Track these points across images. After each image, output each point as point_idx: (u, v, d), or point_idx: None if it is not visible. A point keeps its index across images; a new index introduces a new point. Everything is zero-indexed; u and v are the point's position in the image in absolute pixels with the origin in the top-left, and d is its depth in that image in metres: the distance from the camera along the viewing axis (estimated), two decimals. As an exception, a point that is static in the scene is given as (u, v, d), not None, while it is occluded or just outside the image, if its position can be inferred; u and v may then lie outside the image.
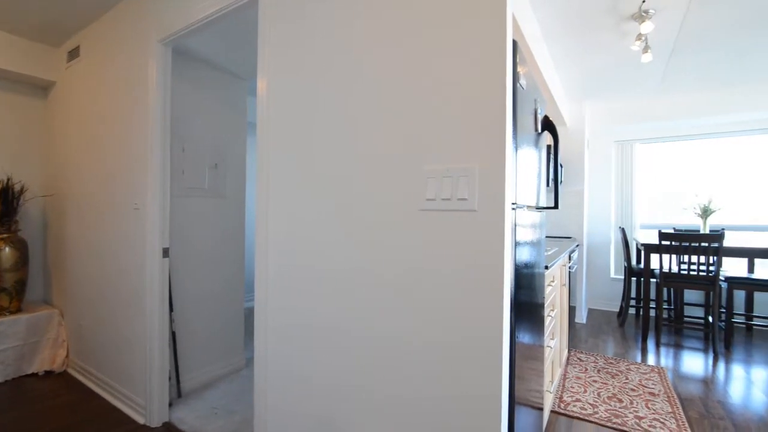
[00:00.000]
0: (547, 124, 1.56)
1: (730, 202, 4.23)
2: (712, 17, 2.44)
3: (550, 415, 2.20)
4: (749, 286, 3.36)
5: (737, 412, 2.26)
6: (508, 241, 0.97)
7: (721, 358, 3.16)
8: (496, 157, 0.94)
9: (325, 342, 1.27)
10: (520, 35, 2.14)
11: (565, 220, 4.31)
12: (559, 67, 3.34)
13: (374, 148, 1.16)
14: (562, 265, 2.55)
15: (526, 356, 1.42)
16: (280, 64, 1.42)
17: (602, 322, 4.15)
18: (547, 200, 3.98)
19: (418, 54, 1.08)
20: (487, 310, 0.96)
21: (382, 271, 1.14)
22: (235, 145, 2.77)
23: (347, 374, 1.22)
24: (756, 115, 3.82)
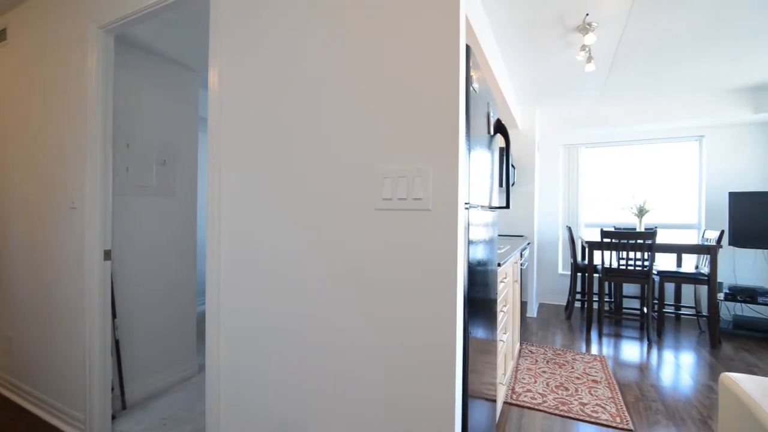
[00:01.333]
0: (499, 127, 1.62)
1: (662, 202, 4.63)
2: (647, 32, 2.66)
3: (503, 406, 2.29)
4: (678, 279, 3.70)
5: (667, 394, 2.48)
6: (461, 239, 1.00)
7: (654, 345, 3.44)
8: (450, 158, 0.97)
9: (280, 344, 1.25)
10: (475, 40, 2.22)
11: (518, 219, 4.51)
12: (512, 73, 3.49)
13: (332, 148, 1.15)
14: (514, 262, 2.67)
15: (480, 350, 1.47)
16: (233, 55, 1.37)
17: (551, 316, 4.39)
18: (500, 200, 4.15)
19: (374, 56, 1.09)
20: (441, 307, 0.98)
21: (338, 271, 1.13)
22: (186, 140, 2.64)
23: (304, 375, 1.20)
24: (685, 124, 4.21)
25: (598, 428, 2.06)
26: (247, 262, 1.32)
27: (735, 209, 3.82)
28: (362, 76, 1.10)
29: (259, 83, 1.30)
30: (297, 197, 1.21)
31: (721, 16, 2.41)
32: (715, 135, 4.32)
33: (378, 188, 1.06)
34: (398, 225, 1.04)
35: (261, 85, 1.30)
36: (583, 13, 2.42)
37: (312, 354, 1.18)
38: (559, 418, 2.17)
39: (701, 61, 3.16)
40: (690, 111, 4.04)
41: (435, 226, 0.98)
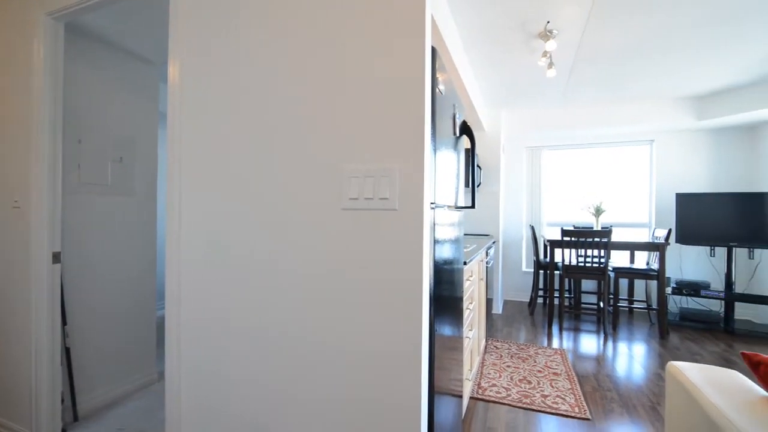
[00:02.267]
0: (465, 129, 1.66)
1: (617, 202, 4.89)
2: (602, 42, 2.81)
3: (469, 401, 2.35)
4: (631, 274, 3.93)
5: (621, 384, 2.63)
6: (427, 238, 1.02)
7: (609, 338, 3.64)
8: (416, 158, 0.98)
9: (244, 346, 1.22)
10: (442, 43, 2.26)
11: (484, 218, 4.63)
12: (479, 76, 3.57)
13: (298, 147, 1.14)
14: (480, 260, 2.74)
15: (447, 347, 1.50)
16: (195, 47, 1.32)
17: (515, 312, 4.54)
18: (466, 200, 4.24)
19: (341, 55, 1.08)
20: (407, 306, 0.99)
21: (304, 271, 1.12)
22: (144, 136, 2.52)
23: (269, 376, 1.18)
24: (638, 128, 4.47)
25: (559, 419, 2.16)
26: (209, 263, 1.28)
27: (681, 209, 4.11)
28: (329, 75, 1.10)
29: (222, 78, 1.27)
30: (261, 196, 1.19)
31: (668, 31, 2.58)
32: (664, 139, 4.63)
33: (345, 188, 1.06)
34: (365, 224, 1.04)
35: (225, 79, 1.26)
36: (545, 21, 2.52)
37: (277, 354, 1.17)
38: (522, 410, 2.25)
39: (651, 72, 3.36)
40: (642, 117, 4.30)
41: (401, 225, 1.00)
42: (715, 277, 4.40)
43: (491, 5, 2.35)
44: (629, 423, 2.12)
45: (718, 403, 1.04)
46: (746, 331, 3.77)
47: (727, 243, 3.85)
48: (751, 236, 3.76)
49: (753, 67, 3.26)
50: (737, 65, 3.22)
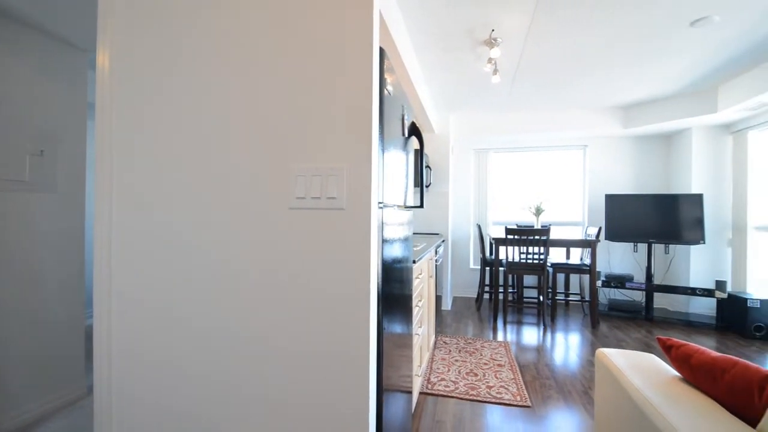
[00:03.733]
0: (414, 130, 1.69)
1: (555, 202, 5.24)
2: (541, 53, 2.99)
3: (419, 396, 2.40)
4: (566, 269, 4.23)
5: (558, 371, 2.83)
6: (375, 238, 1.02)
7: (548, 329, 3.89)
8: (363, 157, 0.99)
9: (188, 353, 1.15)
10: (392, 46, 2.28)
11: (434, 218, 4.76)
12: (429, 79, 3.66)
13: (244, 144, 1.09)
14: (430, 258, 2.81)
15: (397, 345, 1.53)
16: (127, 33, 1.23)
17: (464, 308, 4.71)
18: (415, 200, 4.33)
19: (290, 52, 1.06)
20: (355, 305, 1.00)
21: (251, 271, 1.08)
22: (71, 128, 2.29)
23: (212, 381, 1.12)
24: (573, 134, 4.82)
25: (502, 407, 2.27)
26: (146, 267, 1.19)
27: (610, 209, 4.49)
28: (278, 70, 1.07)
29: (160, 68, 1.19)
30: (205, 195, 1.13)
31: (599, 46, 2.81)
32: (596, 145, 5.03)
33: (291, 187, 1.04)
34: (312, 224, 1.03)
35: (163, 69, 1.18)
36: (490, 29, 2.64)
37: (225, 358, 1.12)
38: (469, 402, 2.34)
39: (585, 82, 3.64)
40: (576, 123, 4.64)
41: (349, 224, 0.99)
42: (637, 270, 4.86)
43: (441, 10, 2.41)
44: (565, 407, 2.28)
45: (638, 384, 1.15)
46: (663, 318, 4.21)
47: (647, 239, 4.27)
48: (667, 233, 4.21)
49: (670, 82, 3.65)
50: (658, 79, 3.58)
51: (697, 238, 4.06)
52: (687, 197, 4.15)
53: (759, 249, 3.95)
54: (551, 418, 2.16)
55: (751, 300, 3.59)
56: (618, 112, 4.55)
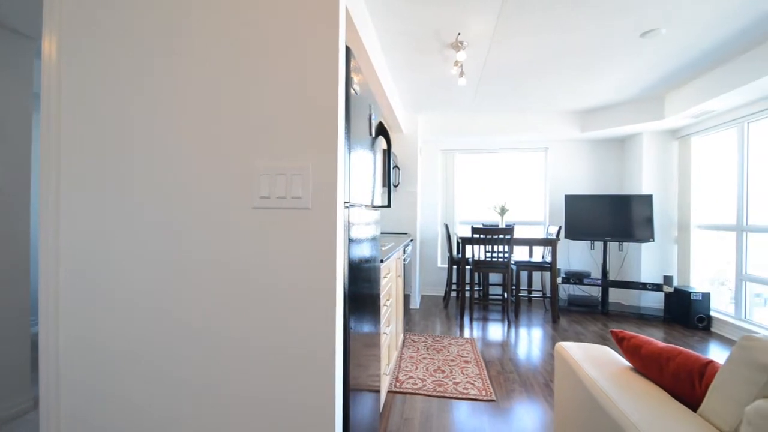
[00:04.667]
0: (381, 130, 1.70)
1: (518, 202, 5.43)
2: (505, 58, 3.08)
3: (387, 395, 2.41)
4: (529, 267, 4.39)
5: (521, 365, 2.93)
6: (341, 237, 1.02)
7: (512, 325, 4.02)
8: (329, 156, 0.98)
9: (142, 358, 1.10)
10: (360, 45, 2.28)
11: (402, 217, 4.79)
12: (397, 79, 3.68)
13: (205, 141, 1.05)
14: (398, 258, 2.83)
15: (365, 344, 1.53)
16: (77, 19, 1.15)
17: (432, 306, 4.78)
18: (383, 200, 4.35)
19: (255, 48, 1.03)
20: (321, 305, 0.99)
21: (214, 272, 1.05)
22: (12, 121, 2.12)
23: (174, 385, 1.08)
24: (535, 137, 5.00)
25: (468, 402, 2.32)
26: (98, 270, 1.12)
27: (569, 209, 4.70)
28: (241, 67, 1.04)
29: (114, 58, 1.12)
30: (164, 194, 1.08)
31: (559, 53, 2.93)
32: (556, 147, 5.25)
33: (255, 186, 1.01)
34: (276, 224, 1.00)
35: (117, 60, 1.12)
36: (456, 32, 2.69)
37: (183, 360, 1.07)
38: (436, 398, 2.38)
39: (546, 87, 3.79)
40: (538, 127, 4.82)
41: (314, 224, 0.98)
42: (594, 267, 5.12)
43: (408, 11, 2.43)
44: (527, 400, 2.36)
45: (593, 375, 1.22)
46: (618, 311, 4.46)
47: (602, 238, 4.51)
48: (621, 232, 4.46)
49: (623, 89, 3.87)
50: (612, 86, 3.78)
51: (647, 236, 4.33)
52: (638, 198, 4.41)
53: (701, 246, 4.27)
54: (515, 410, 2.24)
55: (694, 293, 3.87)
56: (576, 116, 4.76)
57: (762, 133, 3.49)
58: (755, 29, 2.59)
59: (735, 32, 2.63)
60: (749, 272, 3.59)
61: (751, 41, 2.77)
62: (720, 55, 3.03)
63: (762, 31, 2.62)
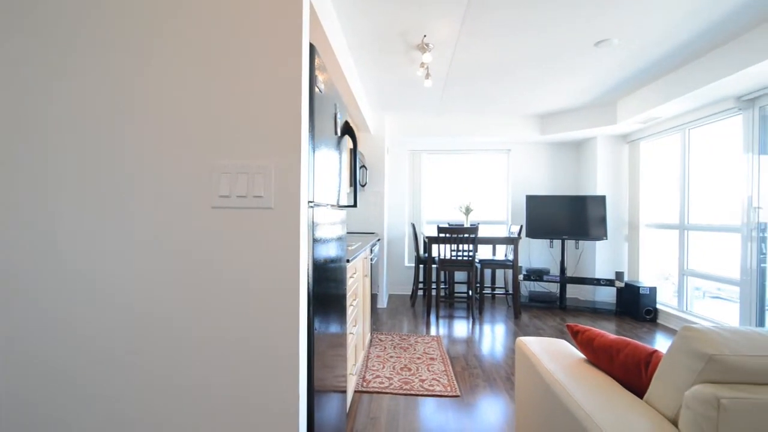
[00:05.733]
0: (347, 129, 1.69)
1: (482, 202, 5.58)
2: (469, 61, 3.16)
3: (354, 394, 2.41)
4: (493, 265, 4.52)
5: (485, 361, 3.01)
6: (305, 237, 1.00)
7: (476, 322, 4.13)
8: (292, 155, 0.96)
9: (96, 362, 1.03)
10: (327, 44, 2.26)
11: (370, 217, 4.80)
12: (364, 79, 3.68)
13: (159, 139, 1.01)
14: (365, 257, 2.83)
15: (331, 345, 1.51)
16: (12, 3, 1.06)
17: (399, 305, 4.81)
18: (349, 199, 4.34)
19: (212, 45, 1.00)
20: (284, 306, 0.97)
21: (171, 274, 1.00)
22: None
23: (126, 394, 1.02)
24: (498, 139, 5.15)
25: (434, 399, 2.36)
26: (47, 275, 1.04)
27: (530, 209, 4.89)
28: (196, 62, 1.00)
29: (56, 49, 1.04)
30: (114, 193, 1.02)
31: (520, 59, 3.04)
32: (518, 149, 5.44)
33: (215, 185, 0.98)
34: (238, 223, 0.98)
35: (60, 51, 1.04)
36: (422, 34, 2.72)
37: (146, 360, 1.02)
38: (403, 396, 2.40)
39: (508, 91, 3.92)
40: (501, 129, 4.98)
41: (277, 224, 0.96)
42: (553, 264, 5.35)
43: (375, 11, 2.44)
44: (490, 394, 2.43)
45: (550, 367, 1.27)
46: (574, 306, 4.69)
47: (561, 236, 4.72)
48: (577, 230, 4.69)
49: (579, 95, 4.06)
50: (569, 92, 3.97)
51: (600, 235, 4.58)
52: (593, 198, 4.66)
53: (649, 244, 4.57)
54: (478, 404, 2.30)
55: (642, 288, 4.14)
56: (536, 120, 4.96)
57: (701, 139, 3.79)
58: (696, 43, 2.80)
59: (678, 45, 2.84)
60: (690, 267, 3.88)
61: (692, 54, 2.99)
62: (666, 66, 3.25)
63: (701, 45, 2.83)
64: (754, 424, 0.76)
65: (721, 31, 2.61)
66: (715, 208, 3.61)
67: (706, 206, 3.73)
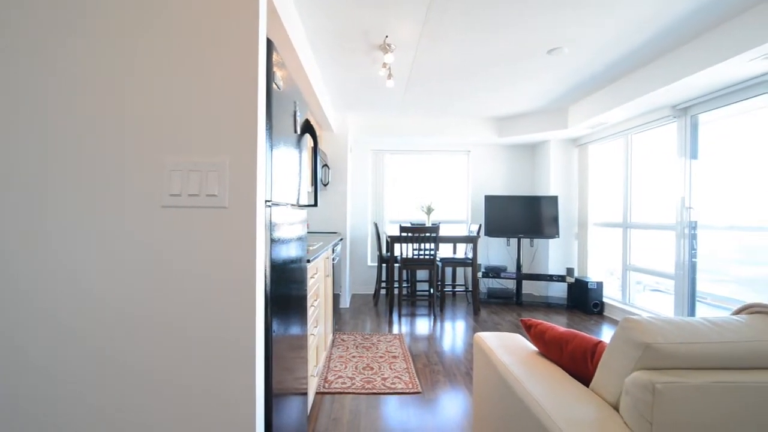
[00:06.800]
0: (307, 127, 1.67)
1: (443, 202, 5.69)
2: (430, 63, 3.21)
3: (316, 396, 2.38)
4: (453, 263, 4.63)
5: (446, 357, 3.07)
6: (261, 237, 0.98)
7: (438, 319, 4.21)
8: (248, 153, 0.93)
9: (36, 379, 0.95)
10: (287, 40, 2.21)
11: (332, 216, 4.76)
12: (326, 77, 3.64)
13: (103, 134, 0.94)
14: (326, 257, 2.80)
15: (291, 347, 1.48)
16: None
17: (362, 305, 4.81)
18: (310, 199, 4.28)
19: (160, 34, 0.94)
20: (239, 309, 0.94)
21: (119, 277, 0.94)
22: None
23: (75, 404, 0.95)
24: (459, 140, 5.28)
25: (396, 396, 2.38)
26: (-40, 280, 0.94)
27: (488, 208, 5.05)
28: (146, 53, 0.94)
29: None
30: (54, 190, 0.94)
31: (479, 63, 3.13)
32: (478, 151, 5.61)
33: (165, 183, 0.93)
34: (189, 223, 0.93)
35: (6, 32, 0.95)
36: (384, 35, 2.73)
37: (84, 379, 0.95)
38: (365, 396, 2.40)
39: (467, 94, 4.03)
40: (461, 131, 5.11)
41: (232, 224, 0.93)
42: (510, 261, 5.56)
43: (336, 10, 2.41)
44: (450, 389, 2.49)
45: (505, 360, 1.32)
46: (530, 302, 4.90)
47: (517, 235, 4.92)
48: (532, 229, 4.90)
49: (533, 100, 4.25)
50: (524, 97, 4.14)
51: (553, 233, 4.82)
52: (546, 198, 4.89)
53: (596, 241, 4.87)
54: (439, 400, 2.34)
55: (590, 283, 4.40)
56: (494, 122, 5.13)
57: (642, 144, 4.09)
58: (639, 53, 3.01)
59: (623, 55, 3.04)
60: (632, 263, 4.18)
61: (634, 65, 3.22)
62: (611, 75, 3.48)
63: (643, 55, 3.05)
64: (684, 405, 0.83)
65: (658, 45, 2.83)
66: (653, 208, 3.91)
67: (646, 206, 4.03)
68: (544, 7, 2.33)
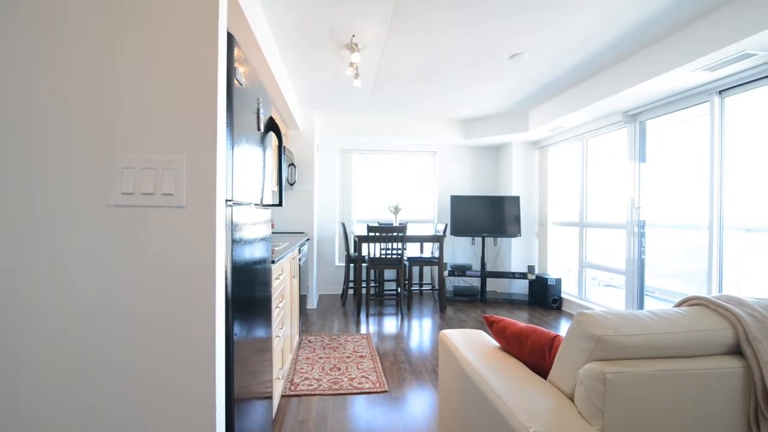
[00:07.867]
0: (272, 125, 1.63)
1: (411, 202, 5.75)
2: (397, 64, 3.23)
3: (281, 399, 2.33)
4: (420, 262, 4.69)
5: (413, 355, 3.11)
6: (222, 238, 0.95)
7: (405, 318, 4.25)
8: (207, 150, 0.90)
9: None
10: (251, 36, 2.15)
11: (299, 216, 4.68)
12: (292, 75, 3.57)
13: (46, 129, 0.87)
14: (292, 258, 2.75)
15: (255, 350, 1.45)
16: None
17: (329, 305, 4.77)
18: (275, 198, 4.20)
19: (117, 20, 0.89)
20: (198, 311, 0.90)
21: (65, 281, 0.88)
22: None
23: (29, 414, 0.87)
24: (426, 141, 5.35)
25: (363, 396, 2.38)
26: None
27: (454, 208, 5.16)
28: (97, 36, 0.88)
29: None
30: (-19, 188, 0.86)
31: (444, 65, 3.18)
32: (444, 151, 5.71)
33: (116, 181, 0.88)
34: (143, 224, 0.89)
35: None
36: (350, 34, 2.72)
37: (45, 371, 0.87)
38: (332, 397, 2.38)
39: (433, 96, 4.09)
40: (427, 132, 5.18)
41: (190, 225, 0.89)
42: (475, 260, 5.70)
43: (301, 7, 2.37)
44: (417, 387, 2.52)
45: (467, 355, 1.35)
46: (493, 299, 5.05)
47: (481, 234, 5.05)
48: (495, 228, 5.05)
49: (497, 103, 4.38)
50: (488, 100, 4.25)
51: (515, 232, 4.99)
52: (509, 198, 5.06)
53: (555, 239, 5.09)
54: (406, 398, 2.37)
55: (549, 280, 4.60)
56: (460, 124, 5.24)
57: (597, 147, 4.31)
58: (594, 61, 3.17)
59: (579, 63, 3.19)
60: (588, 260, 4.40)
61: (591, 71, 3.39)
62: (569, 80, 3.64)
63: (598, 63, 3.22)
64: (633, 393, 0.88)
65: (611, 55, 3.00)
66: (607, 208, 4.14)
67: (600, 206, 4.26)
68: (504, 14, 2.40)
